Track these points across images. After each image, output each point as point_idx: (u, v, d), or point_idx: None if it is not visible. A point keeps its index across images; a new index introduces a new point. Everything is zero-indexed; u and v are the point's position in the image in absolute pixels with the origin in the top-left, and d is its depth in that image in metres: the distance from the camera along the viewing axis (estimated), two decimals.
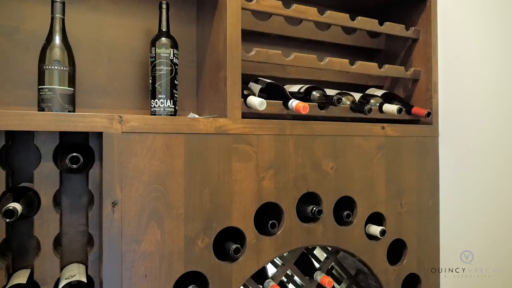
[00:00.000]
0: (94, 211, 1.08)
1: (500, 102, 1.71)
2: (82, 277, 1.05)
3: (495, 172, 1.67)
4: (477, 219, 1.64)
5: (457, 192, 1.56)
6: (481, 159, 1.65)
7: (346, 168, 1.27)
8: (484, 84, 1.69)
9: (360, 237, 1.30)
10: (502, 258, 1.68)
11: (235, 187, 1.09)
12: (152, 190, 1.00)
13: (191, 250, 1.04)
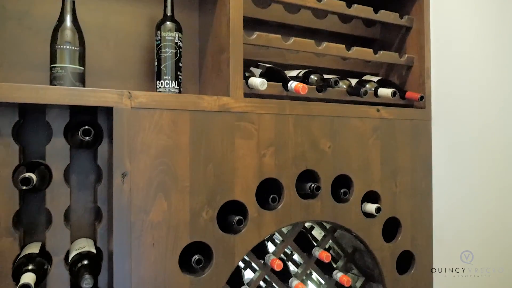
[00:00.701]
0: (103, 186, 1.13)
1: (491, 87, 1.77)
2: (91, 248, 1.10)
3: (486, 156, 1.73)
4: (469, 202, 1.70)
5: (449, 175, 1.62)
6: (473, 143, 1.71)
7: (343, 148, 1.33)
8: (476, 70, 1.75)
9: (357, 214, 1.36)
10: (498, 251, 1.74)
11: (237, 163, 1.15)
12: (159, 163, 1.05)
13: (196, 222, 1.09)
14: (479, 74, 1.75)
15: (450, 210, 1.60)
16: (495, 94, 1.78)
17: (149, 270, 1.04)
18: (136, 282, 1.02)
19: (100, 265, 1.09)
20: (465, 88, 1.71)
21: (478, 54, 1.76)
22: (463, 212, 1.67)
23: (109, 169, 1.06)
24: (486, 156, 1.72)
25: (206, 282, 1.11)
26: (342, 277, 1.38)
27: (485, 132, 1.74)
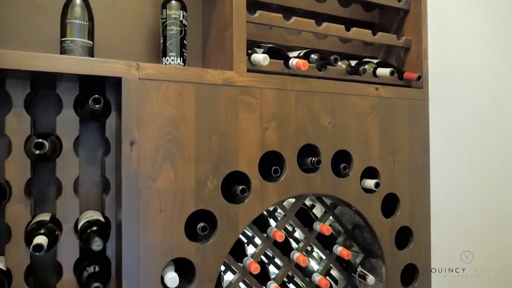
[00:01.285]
0: (111, 158, 1.17)
1: (488, 68, 1.81)
2: (100, 218, 1.14)
3: (483, 136, 1.77)
4: (467, 180, 1.74)
5: (446, 154, 1.66)
6: (470, 123, 1.75)
7: (342, 124, 1.37)
8: (473, 51, 1.79)
9: (356, 188, 1.40)
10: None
11: (241, 135, 1.19)
12: (166, 133, 1.09)
13: (201, 190, 1.13)
14: (476, 55, 1.79)
15: (447, 188, 1.64)
16: (492, 74, 1.81)
17: (157, 236, 1.08)
18: (144, 246, 1.06)
19: (108, 232, 1.13)
20: (462, 69, 1.75)
21: (475, 35, 1.80)
22: (460, 190, 1.71)
23: (117, 140, 1.10)
24: (483, 136, 1.76)
25: (211, 249, 1.14)
26: (342, 250, 1.42)
27: (482, 112, 1.78)
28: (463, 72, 1.74)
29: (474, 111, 1.76)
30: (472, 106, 1.75)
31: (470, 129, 1.74)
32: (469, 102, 1.74)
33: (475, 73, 1.77)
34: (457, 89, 1.71)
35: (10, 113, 1.06)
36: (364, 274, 1.46)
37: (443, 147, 1.63)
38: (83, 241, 1.07)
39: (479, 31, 1.81)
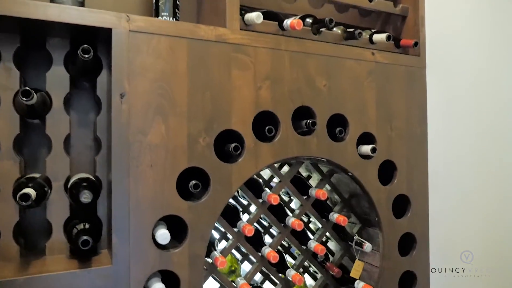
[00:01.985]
0: (102, 117, 1.15)
1: (486, 34, 1.79)
2: (90, 177, 1.12)
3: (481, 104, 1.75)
4: (464, 149, 1.72)
5: (444, 122, 1.64)
6: (468, 91, 1.73)
7: (338, 88, 1.35)
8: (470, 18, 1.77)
9: (352, 154, 1.38)
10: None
11: (234, 93, 1.17)
12: (157, 87, 1.07)
13: (194, 147, 1.11)
14: (474, 22, 1.77)
15: (445, 157, 1.62)
16: (490, 41, 1.80)
17: (147, 191, 1.06)
18: (135, 201, 1.04)
19: (98, 189, 1.11)
20: (460, 37, 1.73)
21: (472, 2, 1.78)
22: (458, 159, 1.69)
23: (108, 95, 1.08)
24: (481, 104, 1.74)
25: (204, 207, 1.12)
26: (338, 217, 1.40)
27: (480, 80, 1.76)
28: (461, 39, 1.72)
29: (472, 79, 1.74)
30: (470, 74, 1.73)
31: (469, 98, 1.72)
32: (467, 70, 1.72)
33: (473, 40, 1.75)
34: (455, 57, 1.70)
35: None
36: (361, 241, 1.44)
37: (441, 116, 1.61)
38: (73, 197, 1.04)
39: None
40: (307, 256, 1.42)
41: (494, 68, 1.79)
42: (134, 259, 1.04)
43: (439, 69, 1.60)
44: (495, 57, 1.79)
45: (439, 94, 1.60)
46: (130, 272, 1.03)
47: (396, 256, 1.48)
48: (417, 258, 1.52)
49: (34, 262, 1.04)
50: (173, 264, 1.09)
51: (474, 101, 1.73)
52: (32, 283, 0.94)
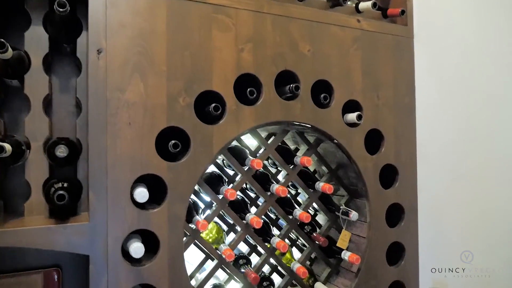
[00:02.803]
0: (82, 78, 1.14)
1: (474, 4, 1.77)
2: (70, 137, 1.11)
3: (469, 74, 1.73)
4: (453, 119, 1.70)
5: (432, 93, 1.63)
6: (455, 62, 1.71)
7: (322, 53, 1.34)
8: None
9: (338, 121, 1.37)
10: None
11: (215, 54, 1.16)
12: (136, 45, 1.06)
13: (173, 107, 1.10)
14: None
15: (434, 127, 1.60)
16: (477, 11, 1.78)
17: (125, 149, 1.05)
18: (112, 159, 1.03)
19: (78, 150, 1.10)
20: (448, 7, 1.71)
21: None
22: (447, 129, 1.68)
23: (87, 53, 1.07)
24: (469, 74, 1.72)
25: (184, 168, 1.11)
26: (324, 185, 1.38)
27: (468, 50, 1.74)
28: (449, 9, 1.71)
29: (461, 48, 1.72)
30: (458, 44, 1.72)
31: (457, 68, 1.70)
32: (455, 40, 1.71)
33: (461, 10, 1.74)
34: (443, 27, 1.68)
35: None
36: (347, 210, 1.42)
37: (429, 86, 1.60)
38: (50, 155, 1.04)
39: None
40: (293, 225, 1.41)
41: (482, 37, 1.77)
42: (111, 217, 1.03)
43: (427, 38, 1.59)
44: (483, 25, 1.77)
45: (427, 64, 1.59)
46: (108, 230, 1.02)
47: (384, 226, 1.46)
48: (405, 229, 1.51)
49: (12, 221, 1.03)
50: (152, 225, 1.07)
51: (462, 71, 1.72)
52: (6, 237, 0.93)
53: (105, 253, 1.02)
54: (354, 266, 1.44)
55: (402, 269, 1.50)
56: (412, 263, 1.51)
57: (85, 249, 1.00)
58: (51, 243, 0.97)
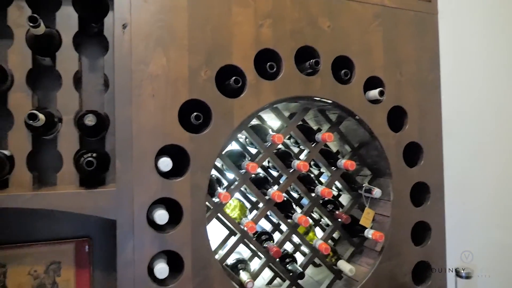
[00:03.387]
0: (109, 55, 1.19)
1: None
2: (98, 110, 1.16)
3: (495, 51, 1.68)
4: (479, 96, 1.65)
5: (457, 69, 1.59)
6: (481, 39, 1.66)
7: (342, 29, 1.34)
8: None
9: (359, 97, 1.36)
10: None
11: (234, 29, 1.19)
12: (158, 20, 1.11)
13: (195, 80, 1.14)
14: None
15: (460, 104, 1.56)
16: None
17: (149, 120, 1.09)
18: (137, 129, 1.08)
19: (105, 122, 1.15)
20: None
21: None
22: (472, 105, 1.63)
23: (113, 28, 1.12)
24: (493, 50, 1.67)
25: (205, 139, 1.14)
26: (346, 162, 1.38)
27: (492, 27, 1.68)
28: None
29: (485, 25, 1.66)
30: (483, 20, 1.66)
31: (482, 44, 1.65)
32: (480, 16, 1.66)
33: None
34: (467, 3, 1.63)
35: (11, 5, 1.10)
36: (370, 188, 1.41)
37: (454, 63, 1.56)
38: (80, 125, 1.09)
39: None
40: (315, 203, 1.41)
41: (508, 12, 1.71)
42: (137, 184, 1.07)
43: (452, 14, 1.55)
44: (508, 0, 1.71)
45: (452, 41, 1.55)
46: (134, 196, 1.07)
47: (408, 205, 1.44)
48: (431, 208, 1.47)
49: (45, 188, 1.09)
50: (175, 193, 1.11)
51: (487, 47, 1.66)
52: (39, 199, 0.99)
53: (131, 219, 1.06)
54: (378, 245, 1.43)
55: (428, 249, 1.47)
56: (439, 243, 1.48)
57: (112, 214, 1.05)
58: (81, 207, 1.03)
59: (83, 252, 1.28)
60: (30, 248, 1.23)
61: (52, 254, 1.26)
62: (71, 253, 1.27)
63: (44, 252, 1.25)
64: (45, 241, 1.25)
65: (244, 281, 1.24)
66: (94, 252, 1.27)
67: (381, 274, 1.38)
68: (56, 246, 1.26)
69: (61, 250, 1.27)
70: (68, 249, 1.27)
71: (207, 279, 1.14)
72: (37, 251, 1.24)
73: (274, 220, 1.59)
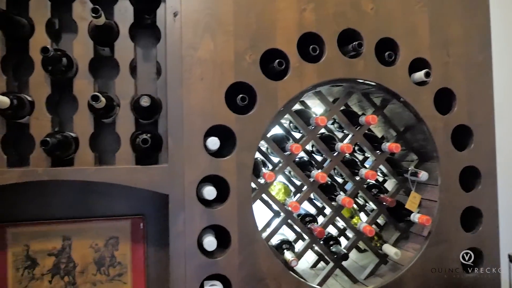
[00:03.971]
0: (161, 44, 1.28)
1: None
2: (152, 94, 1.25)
3: None
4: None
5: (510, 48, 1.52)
6: None
7: (386, 11, 1.33)
8: None
9: (404, 79, 1.35)
10: None
11: (278, 15, 1.23)
12: (206, 7, 1.17)
13: (240, 63, 1.19)
14: None
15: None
16: None
17: (198, 101, 1.16)
18: (187, 109, 1.15)
19: (158, 105, 1.24)
20: None
21: None
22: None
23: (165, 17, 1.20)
24: None
25: (250, 120, 1.19)
26: (390, 145, 1.37)
27: None
28: None
29: None
30: None
31: None
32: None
33: None
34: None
35: (76, 1, 1.22)
36: (416, 171, 1.39)
37: (507, 43, 1.49)
38: (136, 108, 1.19)
39: None
40: (359, 185, 1.41)
41: None
42: (187, 161, 1.14)
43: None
44: None
45: (504, 20, 1.48)
46: (185, 173, 1.14)
47: (457, 189, 1.40)
48: (482, 194, 1.42)
49: (105, 165, 1.20)
50: (222, 171, 1.17)
51: None
52: (100, 172, 1.09)
53: (182, 194, 1.14)
54: (425, 230, 1.40)
55: (479, 235, 1.42)
56: (491, 229, 1.42)
57: (165, 188, 1.13)
58: (137, 181, 1.12)
59: (138, 228, 1.38)
60: (91, 223, 1.35)
61: (111, 230, 1.37)
62: (128, 229, 1.38)
63: (104, 227, 1.37)
64: (104, 217, 1.36)
65: (288, 259, 1.27)
66: (147, 229, 1.37)
67: (428, 259, 1.36)
68: (114, 223, 1.37)
69: (119, 226, 1.38)
70: (125, 226, 1.38)
71: (253, 254, 1.19)
72: (97, 227, 1.36)
73: (318, 204, 1.61)
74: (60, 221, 1.33)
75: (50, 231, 1.32)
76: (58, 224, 1.33)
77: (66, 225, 1.33)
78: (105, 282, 1.36)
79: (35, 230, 1.31)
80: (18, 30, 1.16)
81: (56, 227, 1.33)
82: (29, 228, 1.31)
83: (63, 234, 1.34)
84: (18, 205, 1.29)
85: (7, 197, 1.26)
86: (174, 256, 1.15)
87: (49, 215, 1.31)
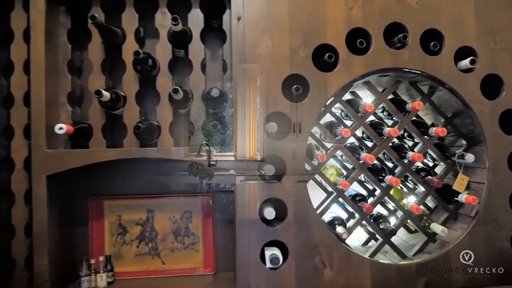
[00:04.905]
0: (227, 44, 1.49)
1: None
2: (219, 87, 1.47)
3: None
4: None
5: None
6: None
7: (431, 4, 1.43)
8: None
9: (449, 67, 1.43)
10: None
11: (328, 13, 1.38)
12: (265, 10, 1.36)
13: (295, 58, 1.36)
14: None
15: None
16: None
17: (259, 92, 1.35)
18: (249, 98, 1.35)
19: (225, 97, 1.45)
20: None
21: None
22: None
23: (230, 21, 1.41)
24: None
25: (304, 108, 1.36)
26: (436, 129, 1.46)
27: None
28: None
29: None
30: None
31: None
32: None
33: None
34: None
35: (157, 12, 1.47)
36: (463, 153, 1.46)
37: None
38: (207, 99, 1.41)
39: None
40: (407, 168, 1.52)
41: None
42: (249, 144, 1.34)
43: None
44: None
45: None
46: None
47: (506, 172, 1.45)
48: None
49: None
50: (279, 152, 1.35)
51: None
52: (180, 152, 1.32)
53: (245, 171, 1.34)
54: (473, 210, 1.47)
55: None
56: None
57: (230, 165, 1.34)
58: None
59: (208, 204, 1.60)
60: (170, 198, 1.60)
61: (186, 205, 1.61)
62: (199, 205, 1.61)
63: (180, 203, 1.61)
64: (181, 194, 1.60)
65: (339, 233, 1.42)
66: (216, 206, 1.59)
67: (475, 237, 1.43)
68: (188, 199, 1.61)
69: (192, 202, 1.61)
70: (197, 202, 1.61)
71: (307, 225, 1.35)
72: (175, 202, 1.61)
73: (369, 187, 1.73)
74: (145, 196, 1.59)
75: (137, 204, 1.59)
76: (143, 198, 1.59)
77: (150, 199, 1.60)
78: (181, 249, 1.60)
79: (126, 203, 1.59)
80: (115, 39, 1.43)
81: (142, 201, 1.59)
82: (121, 201, 1.58)
83: (148, 207, 1.60)
84: (113, 183, 1.57)
85: (104, 176, 1.55)
86: (239, 225, 1.35)
87: (137, 191, 1.58)
